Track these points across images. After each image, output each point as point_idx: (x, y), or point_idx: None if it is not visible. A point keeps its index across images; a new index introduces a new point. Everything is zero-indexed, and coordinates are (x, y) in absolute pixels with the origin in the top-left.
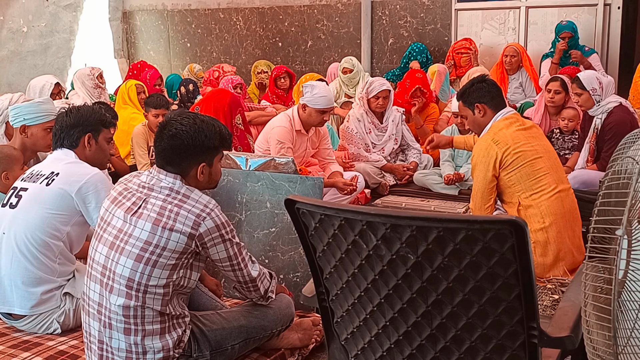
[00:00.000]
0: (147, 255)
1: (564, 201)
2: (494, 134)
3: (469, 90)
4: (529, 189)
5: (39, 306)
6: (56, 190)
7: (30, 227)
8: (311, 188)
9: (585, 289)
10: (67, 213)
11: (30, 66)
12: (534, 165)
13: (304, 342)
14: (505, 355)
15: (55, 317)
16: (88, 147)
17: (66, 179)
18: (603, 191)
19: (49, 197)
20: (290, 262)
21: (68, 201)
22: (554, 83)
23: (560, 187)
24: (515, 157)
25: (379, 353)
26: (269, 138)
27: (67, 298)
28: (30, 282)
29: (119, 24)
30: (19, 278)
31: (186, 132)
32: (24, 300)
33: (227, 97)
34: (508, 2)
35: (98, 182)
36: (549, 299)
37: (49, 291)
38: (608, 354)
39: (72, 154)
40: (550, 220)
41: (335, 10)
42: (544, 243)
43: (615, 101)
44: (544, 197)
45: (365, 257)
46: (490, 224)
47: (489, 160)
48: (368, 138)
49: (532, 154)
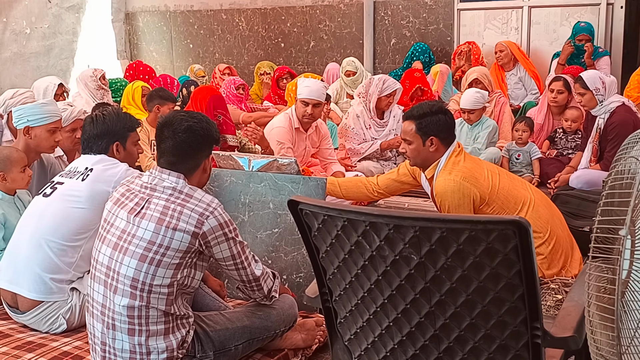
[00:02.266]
0: (151, 255)
1: (544, 204)
2: (458, 172)
3: (429, 118)
4: (513, 211)
5: (47, 294)
6: (90, 185)
7: (58, 220)
8: (314, 189)
9: (588, 289)
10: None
11: (33, 67)
12: (503, 187)
13: (307, 342)
14: (509, 355)
15: (62, 313)
16: (117, 154)
17: (101, 175)
18: (606, 191)
19: (83, 191)
20: (293, 263)
21: (102, 196)
22: (556, 83)
23: (530, 190)
24: (491, 193)
25: (383, 354)
26: (269, 139)
27: (74, 293)
28: (46, 269)
29: (121, 25)
30: (36, 264)
31: (199, 124)
32: (35, 283)
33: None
34: (511, 2)
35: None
36: (552, 299)
37: (60, 281)
38: (611, 354)
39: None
40: (547, 229)
41: (337, 10)
42: (550, 256)
43: (618, 101)
44: (529, 213)
45: (369, 257)
46: (494, 224)
47: (468, 200)
48: (368, 133)
49: (495, 177)
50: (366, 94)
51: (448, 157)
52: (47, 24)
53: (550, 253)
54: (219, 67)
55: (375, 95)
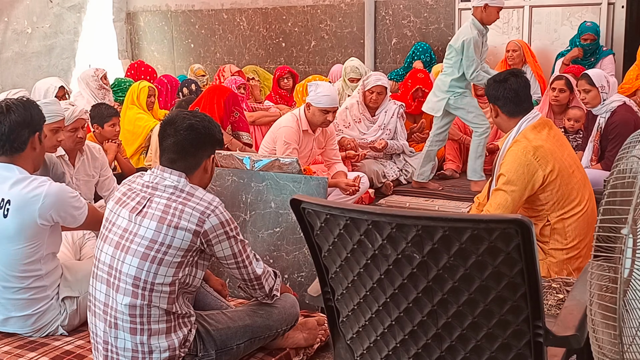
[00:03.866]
0: (153, 254)
1: (590, 217)
2: (533, 148)
3: (489, 86)
4: (561, 208)
5: (40, 321)
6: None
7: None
8: (315, 188)
9: (590, 288)
10: (36, 241)
11: (34, 67)
12: (570, 183)
13: (309, 341)
14: (511, 354)
15: (59, 323)
16: (35, 150)
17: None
18: (608, 190)
19: (11, 230)
20: (295, 262)
21: (33, 230)
22: (558, 82)
23: (589, 202)
24: (556, 176)
25: (385, 352)
26: (276, 138)
27: (66, 302)
28: (23, 308)
29: (122, 25)
30: (11, 308)
31: (201, 123)
32: (23, 323)
33: (226, 93)
34: (512, 2)
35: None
36: (554, 298)
37: (45, 305)
38: (614, 353)
39: (14, 168)
40: (575, 242)
41: (338, 10)
42: (562, 262)
43: (619, 100)
44: (574, 218)
45: (371, 256)
46: (496, 223)
47: (529, 180)
48: (357, 127)
49: (567, 169)
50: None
51: (522, 130)
52: (48, 23)
53: (564, 262)
54: (231, 68)
55: (361, 90)
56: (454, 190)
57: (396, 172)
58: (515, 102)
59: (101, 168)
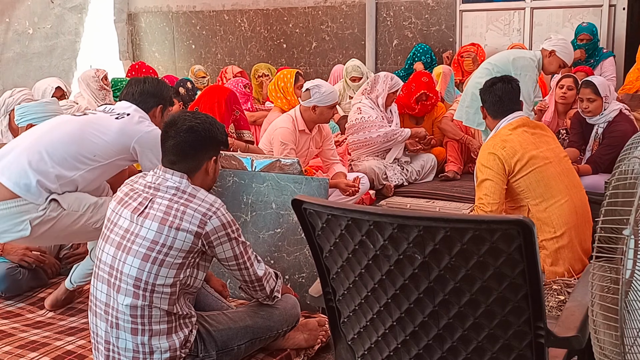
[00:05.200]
0: (154, 255)
1: (577, 206)
2: (500, 140)
3: (481, 89)
4: (540, 196)
5: (25, 191)
6: (122, 126)
7: (73, 139)
8: (316, 189)
9: (592, 289)
10: (117, 150)
11: (35, 68)
12: (544, 171)
13: (309, 342)
14: (512, 355)
15: (30, 218)
16: (154, 119)
17: (131, 125)
18: (610, 191)
19: (112, 128)
20: (296, 263)
21: (124, 144)
22: (567, 79)
23: (572, 192)
24: (522, 163)
25: (386, 353)
26: (272, 139)
27: (51, 204)
28: (36, 168)
29: (124, 25)
30: (28, 159)
31: (202, 125)
32: (18, 176)
33: (226, 93)
34: (513, 3)
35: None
36: (555, 299)
37: (43, 185)
38: (615, 354)
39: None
40: (562, 230)
41: (339, 11)
42: (554, 252)
43: (617, 109)
44: (556, 206)
45: (372, 257)
46: (498, 224)
47: (501, 164)
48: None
49: (542, 159)
50: (372, 90)
51: (499, 129)
52: (49, 24)
53: (557, 253)
54: (233, 70)
55: (385, 91)
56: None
57: (400, 178)
58: (499, 105)
59: None
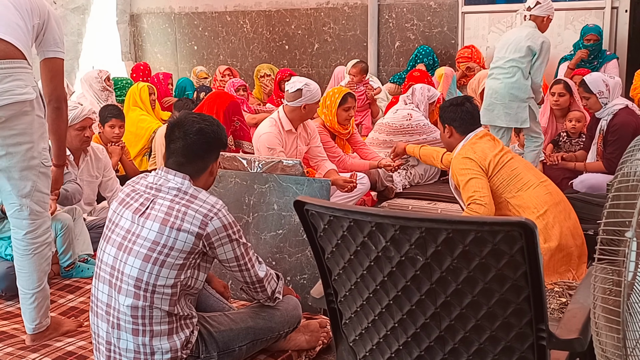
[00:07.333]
0: (155, 255)
1: (550, 189)
2: (470, 147)
3: (446, 108)
4: (514, 187)
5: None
6: None
7: None
8: (318, 190)
9: (594, 291)
10: None
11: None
12: (512, 165)
13: (311, 344)
14: (514, 357)
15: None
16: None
17: None
18: (612, 193)
19: None
20: (297, 264)
21: None
22: (557, 86)
23: (540, 179)
24: (494, 163)
25: (388, 355)
26: (259, 147)
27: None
28: None
29: (126, 26)
30: None
31: (210, 127)
32: (14, 31)
33: (226, 103)
34: (515, 5)
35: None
36: (556, 302)
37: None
38: (617, 356)
39: None
40: (544, 208)
41: (341, 13)
42: (544, 229)
43: (622, 103)
44: (530, 190)
45: (374, 258)
46: (500, 225)
47: (478, 164)
48: None
49: (507, 156)
50: (413, 100)
51: (466, 141)
52: None
53: (545, 228)
54: (220, 68)
55: (426, 103)
56: None
57: (404, 182)
58: (471, 123)
59: (104, 169)
